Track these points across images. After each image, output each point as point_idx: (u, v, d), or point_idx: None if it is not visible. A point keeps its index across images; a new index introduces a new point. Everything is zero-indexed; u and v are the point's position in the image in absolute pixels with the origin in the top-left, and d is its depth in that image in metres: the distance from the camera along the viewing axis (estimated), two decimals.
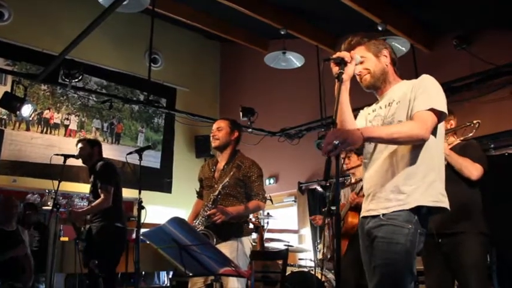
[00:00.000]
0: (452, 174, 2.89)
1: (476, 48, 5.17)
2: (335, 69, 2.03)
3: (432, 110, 1.93)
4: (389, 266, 1.91)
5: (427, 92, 1.98)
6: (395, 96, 2.08)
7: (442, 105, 1.96)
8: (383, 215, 1.97)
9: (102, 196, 3.97)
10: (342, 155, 3.61)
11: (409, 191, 1.95)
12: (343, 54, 2.04)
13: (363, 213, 2.13)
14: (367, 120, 2.19)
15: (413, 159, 1.98)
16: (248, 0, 5.69)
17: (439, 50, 5.68)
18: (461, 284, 2.85)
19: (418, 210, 1.93)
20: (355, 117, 2.20)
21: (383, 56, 2.14)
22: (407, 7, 5.37)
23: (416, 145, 1.97)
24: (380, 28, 5.08)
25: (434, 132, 1.98)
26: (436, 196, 1.98)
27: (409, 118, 1.98)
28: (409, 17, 5.46)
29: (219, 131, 3.29)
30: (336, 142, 1.73)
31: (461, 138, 3.13)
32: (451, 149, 3.05)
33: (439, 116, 1.96)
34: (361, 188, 3.40)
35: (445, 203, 2.00)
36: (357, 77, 2.15)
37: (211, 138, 3.35)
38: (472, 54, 5.13)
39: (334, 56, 2.04)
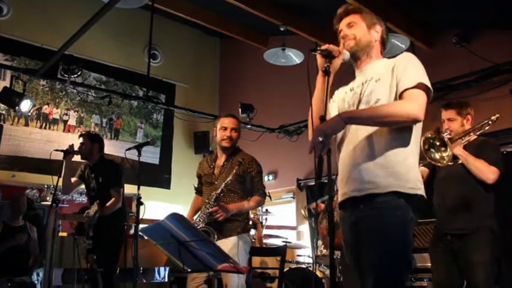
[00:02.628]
0: (467, 175, 2.86)
1: (476, 46, 5.17)
2: (321, 61, 1.97)
3: (421, 85, 1.86)
4: (385, 258, 1.81)
5: (411, 69, 1.92)
6: (373, 73, 2.00)
7: (428, 82, 1.89)
8: (363, 205, 1.87)
9: (114, 198, 3.98)
10: None
11: (387, 173, 1.84)
12: (332, 47, 1.97)
13: (340, 199, 1.99)
14: (345, 101, 2.09)
15: (393, 141, 1.88)
16: None
17: (438, 47, 5.67)
18: (468, 281, 2.83)
19: (407, 196, 1.83)
20: None
21: (374, 31, 2.09)
22: (407, 5, 5.35)
23: (398, 126, 1.88)
24: None
25: None
26: (414, 183, 1.87)
27: (395, 98, 1.90)
28: (409, 15, 5.45)
29: (235, 132, 3.25)
30: (320, 139, 1.73)
31: (478, 133, 3.03)
32: (466, 145, 2.95)
33: (428, 93, 1.88)
34: None
35: (421, 190, 1.89)
36: (340, 40, 2.07)
37: (224, 137, 3.21)
38: (471, 52, 5.12)
39: (322, 48, 1.97)
